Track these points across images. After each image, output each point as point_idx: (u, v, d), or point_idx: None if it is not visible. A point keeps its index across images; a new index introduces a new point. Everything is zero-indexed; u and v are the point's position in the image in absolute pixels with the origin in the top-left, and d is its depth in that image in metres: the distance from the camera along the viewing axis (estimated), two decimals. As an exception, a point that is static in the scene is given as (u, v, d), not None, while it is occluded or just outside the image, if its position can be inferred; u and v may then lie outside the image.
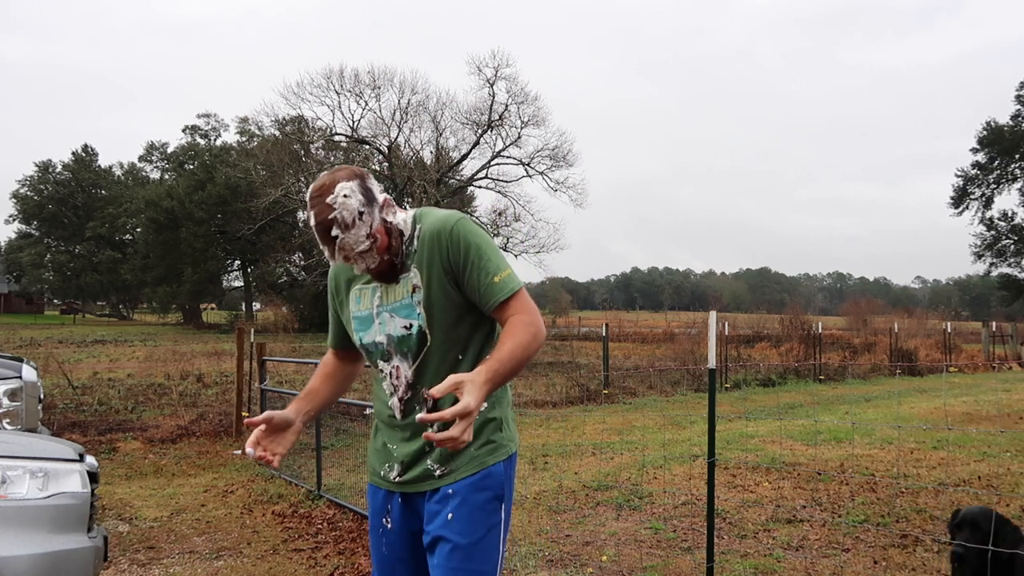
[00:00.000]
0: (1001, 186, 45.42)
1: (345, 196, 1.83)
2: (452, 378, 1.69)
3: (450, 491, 1.93)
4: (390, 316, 1.97)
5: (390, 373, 2.01)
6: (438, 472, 1.95)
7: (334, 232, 1.83)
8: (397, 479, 2.02)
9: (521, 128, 34.19)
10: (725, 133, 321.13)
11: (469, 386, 1.68)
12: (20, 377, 5.32)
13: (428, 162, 33.01)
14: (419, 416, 1.70)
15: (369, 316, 2.01)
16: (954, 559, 3.11)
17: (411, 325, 1.94)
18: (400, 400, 1.99)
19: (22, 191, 64.30)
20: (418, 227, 1.97)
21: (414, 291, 1.94)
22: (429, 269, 1.93)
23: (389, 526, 2.05)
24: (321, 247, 1.89)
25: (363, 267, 1.91)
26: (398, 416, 2.00)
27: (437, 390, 1.67)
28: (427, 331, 1.94)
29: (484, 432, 1.99)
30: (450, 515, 1.91)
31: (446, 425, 1.77)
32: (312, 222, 1.85)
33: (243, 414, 9.25)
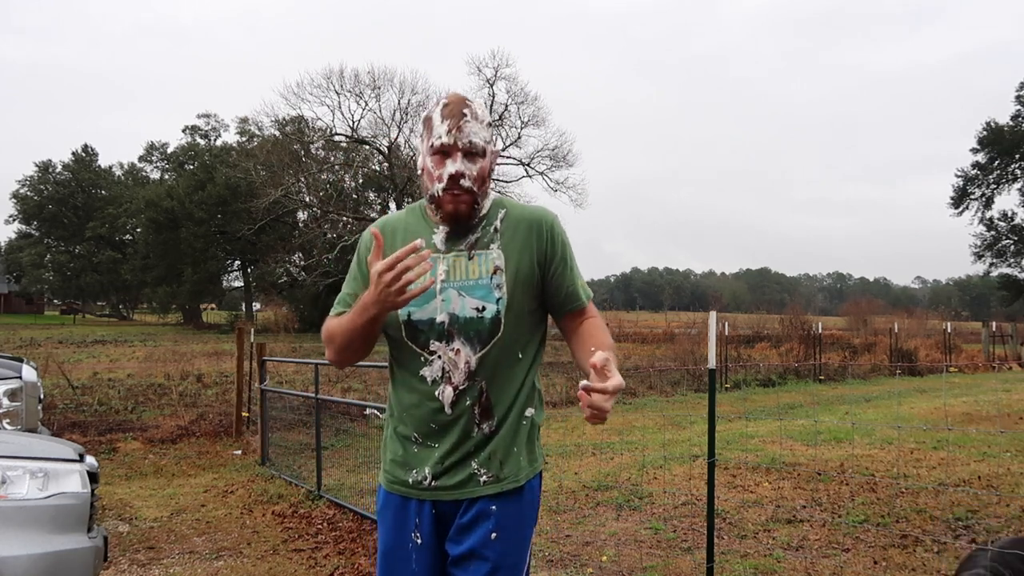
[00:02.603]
0: (1001, 186, 45.41)
1: (484, 103, 1.91)
2: (603, 353, 1.59)
3: (493, 507, 1.81)
4: (458, 294, 1.80)
5: (445, 357, 1.81)
6: (484, 478, 1.81)
7: (465, 111, 1.78)
8: (432, 484, 1.82)
9: (521, 128, 34.28)
10: (725, 133, 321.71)
11: (613, 363, 1.61)
12: (20, 377, 5.32)
13: (428, 162, 32.97)
14: (584, 384, 1.55)
15: (429, 290, 1.80)
16: None
17: (484, 308, 1.79)
18: (455, 389, 1.79)
19: (22, 191, 64.32)
20: (501, 211, 1.88)
21: (495, 272, 1.81)
22: (520, 255, 1.83)
23: (420, 541, 1.85)
24: (439, 124, 1.78)
25: (456, 171, 1.76)
26: (447, 408, 1.80)
27: (600, 359, 1.57)
28: (502, 318, 1.80)
29: (530, 439, 1.89)
30: (493, 534, 1.79)
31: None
32: (444, 101, 1.81)
33: (243, 414, 9.24)
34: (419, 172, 1.84)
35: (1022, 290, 45.18)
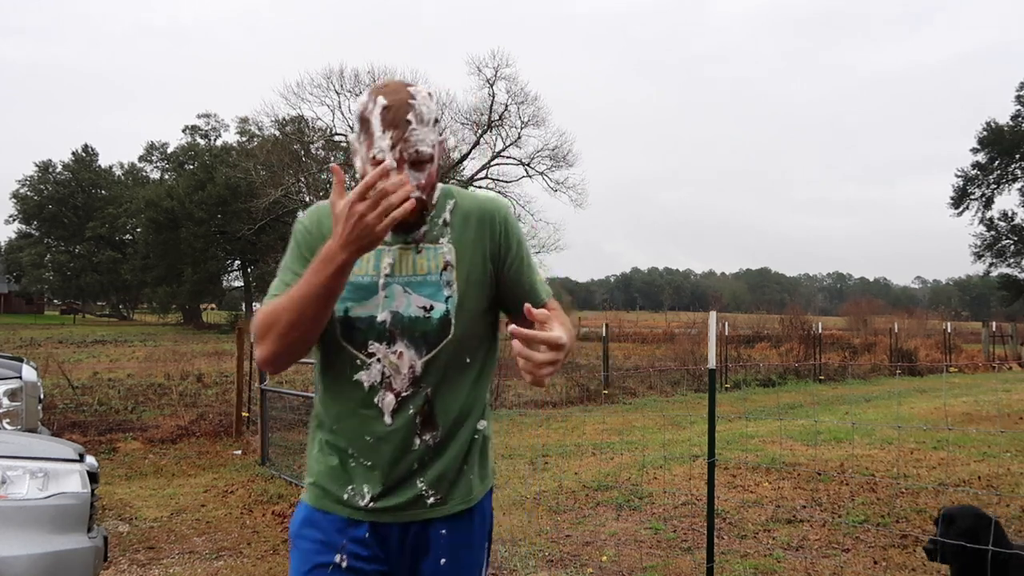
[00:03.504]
0: (1001, 186, 45.42)
1: (429, 95, 1.57)
2: (544, 311, 1.45)
3: (443, 531, 1.65)
4: (403, 290, 1.62)
5: (386, 361, 1.61)
6: (431, 500, 1.63)
7: (409, 118, 1.53)
8: (371, 504, 1.62)
9: (521, 128, 34.32)
10: (725, 133, 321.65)
11: (559, 325, 1.46)
12: (20, 377, 5.32)
13: (428, 162, 33.00)
14: (512, 328, 1.40)
15: (371, 284, 1.61)
16: (928, 556, 3.16)
17: (432, 307, 1.61)
18: (396, 396, 1.60)
19: (22, 191, 64.36)
20: (450, 202, 1.68)
21: (445, 268, 1.63)
22: (473, 251, 1.65)
23: (344, 564, 1.62)
24: (379, 135, 1.53)
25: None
26: (387, 418, 1.60)
27: (540, 312, 1.42)
28: (452, 319, 1.62)
29: (483, 455, 1.72)
30: (443, 560, 1.64)
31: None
32: (382, 102, 1.53)
33: (243, 414, 9.25)
34: (358, 176, 1.60)
35: (1022, 290, 45.19)
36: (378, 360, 1.61)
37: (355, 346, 1.62)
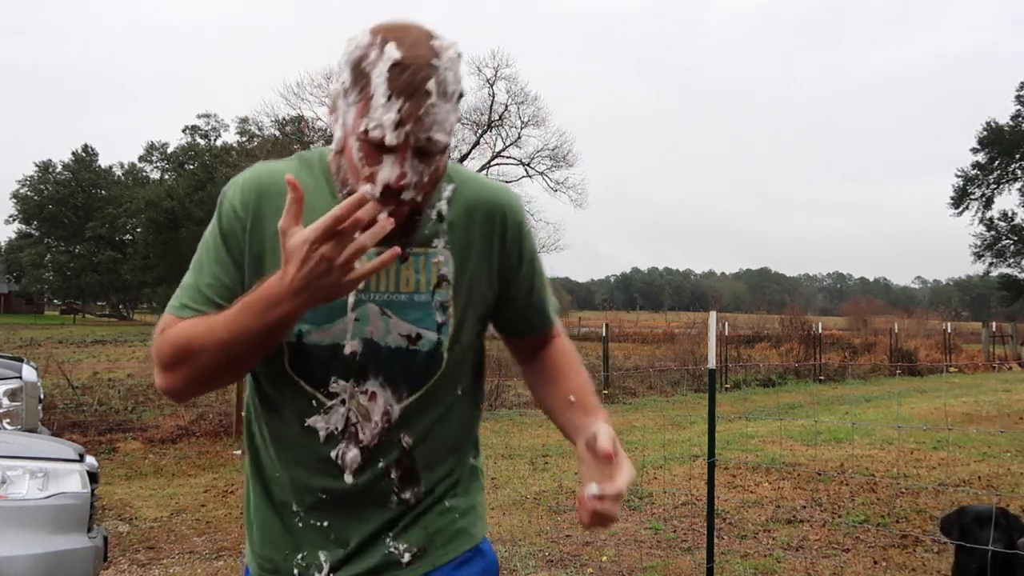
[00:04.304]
0: (1001, 186, 45.44)
1: (458, 56, 1.13)
2: (607, 429, 1.18)
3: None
4: (381, 312, 1.19)
5: (352, 403, 1.20)
6: (406, 557, 1.23)
7: (430, 87, 1.07)
8: (331, 575, 1.23)
9: (521, 128, 34.26)
10: (725, 133, 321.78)
11: (614, 437, 1.16)
12: (20, 377, 5.32)
13: (428, 162, 33.04)
14: (594, 492, 1.10)
15: (338, 303, 1.15)
16: (992, 559, 3.05)
17: (419, 336, 1.20)
18: (368, 449, 1.20)
19: (22, 191, 64.49)
20: (449, 187, 1.22)
21: (440, 284, 1.20)
22: (477, 261, 1.24)
23: None
24: (382, 102, 1.05)
25: (397, 181, 1.08)
26: (348, 475, 1.20)
27: (608, 440, 1.13)
28: (444, 352, 1.22)
29: (473, 489, 1.32)
30: None
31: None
32: (393, 54, 1.06)
33: (243, 413, 9.24)
34: (337, 149, 1.16)
35: (1022, 290, 45.20)
36: (342, 403, 1.20)
37: (311, 382, 1.21)
